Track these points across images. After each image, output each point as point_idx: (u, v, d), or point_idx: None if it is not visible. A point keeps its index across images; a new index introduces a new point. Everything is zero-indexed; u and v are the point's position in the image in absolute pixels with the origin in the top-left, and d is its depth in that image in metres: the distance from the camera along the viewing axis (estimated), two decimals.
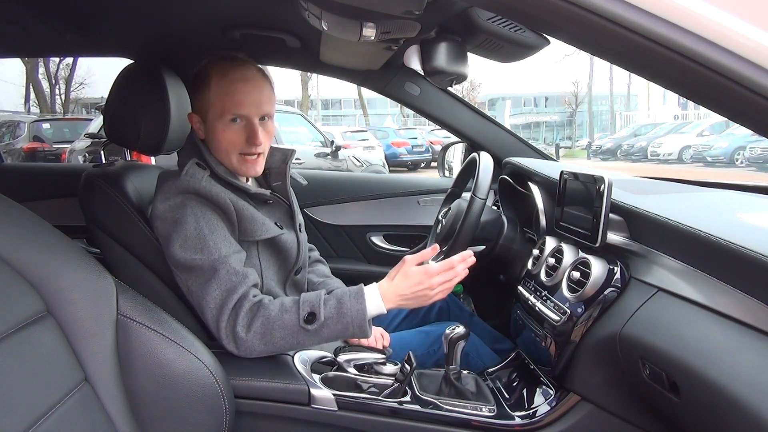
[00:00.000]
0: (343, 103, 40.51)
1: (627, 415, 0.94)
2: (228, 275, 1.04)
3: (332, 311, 1.01)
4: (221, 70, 1.12)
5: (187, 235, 1.06)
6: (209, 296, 1.03)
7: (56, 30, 1.52)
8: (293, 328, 1.01)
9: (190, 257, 1.05)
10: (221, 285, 1.03)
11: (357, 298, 1.03)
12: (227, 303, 1.02)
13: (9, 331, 0.65)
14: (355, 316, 1.01)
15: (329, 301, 1.03)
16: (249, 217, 1.13)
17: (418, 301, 1.05)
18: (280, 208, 1.26)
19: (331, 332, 1.02)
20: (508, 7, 0.63)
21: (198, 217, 1.07)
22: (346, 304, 1.02)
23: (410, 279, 1.04)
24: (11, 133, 9.83)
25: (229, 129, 1.12)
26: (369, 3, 0.93)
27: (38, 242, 0.74)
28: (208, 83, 1.12)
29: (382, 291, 1.04)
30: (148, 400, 0.83)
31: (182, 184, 1.09)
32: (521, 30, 1.17)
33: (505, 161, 1.63)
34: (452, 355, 1.06)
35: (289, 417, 1.01)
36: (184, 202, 1.08)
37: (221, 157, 1.15)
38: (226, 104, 1.10)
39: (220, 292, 1.03)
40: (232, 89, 1.11)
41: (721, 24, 0.53)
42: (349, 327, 1.01)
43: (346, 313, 1.01)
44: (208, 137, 1.16)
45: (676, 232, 0.84)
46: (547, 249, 1.18)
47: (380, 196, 2.07)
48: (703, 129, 15.77)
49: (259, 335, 1.01)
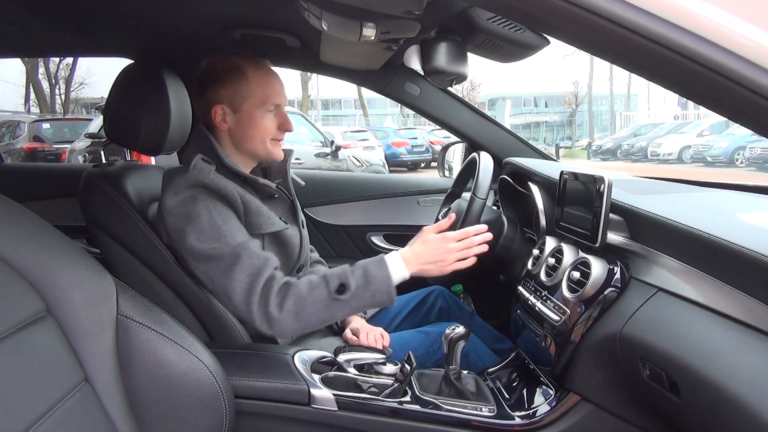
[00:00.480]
0: (343, 103, 40.50)
1: (627, 415, 0.94)
2: (250, 259, 1.07)
3: (360, 281, 1.06)
4: (253, 62, 1.20)
5: (203, 226, 1.08)
6: (235, 281, 1.06)
7: (56, 30, 1.52)
8: (325, 300, 1.05)
9: (209, 247, 1.08)
10: (245, 270, 1.06)
11: (380, 265, 1.08)
12: (255, 286, 1.05)
13: (9, 331, 0.65)
14: (381, 283, 1.06)
15: (355, 271, 1.08)
16: (255, 210, 1.16)
17: (437, 266, 1.11)
18: (283, 204, 1.29)
19: (360, 302, 1.07)
20: (508, 7, 0.63)
21: (210, 209, 1.10)
22: (372, 273, 1.07)
23: (428, 245, 1.11)
24: (11, 133, 9.83)
25: (266, 117, 1.20)
26: (369, 3, 0.93)
27: (38, 242, 0.74)
28: (244, 73, 1.18)
29: (404, 256, 1.10)
30: (148, 400, 0.83)
31: (191, 179, 1.12)
32: (521, 30, 1.17)
33: (505, 161, 1.63)
34: (452, 355, 1.06)
35: (289, 417, 1.01)
36: (194, 196, 1.10)
37: (254, 144, 1.20)
38: (269, 94, 1.19)
39: (245, 277, 1.06)
40: (270, 80, 1.20)
41: (721, 24, 0.53)
42: (377, 294, 1.06)
43: (372, 281, 1.06)
44: (239, 126, 1.20)
45: (676, 232, 0.84)
46: (547, 249, 1.18)
47: (380, 196, 2.07)
48: (703, 129, 15.77)
49: (292, 313, 1.04)
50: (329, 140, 8.58)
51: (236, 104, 1.18)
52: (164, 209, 1.13)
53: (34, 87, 19.16)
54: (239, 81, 1.18)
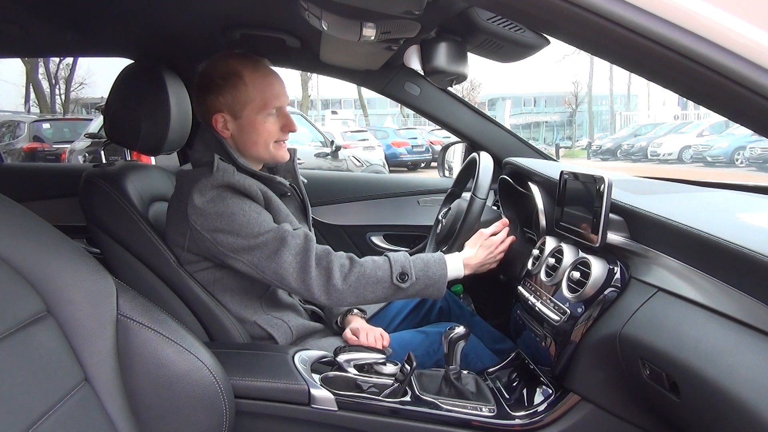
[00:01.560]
0: (343, 103, 40.51)
1: (627, 415, 0.94)
2: (294, 240, 1.12)
3: (420, 273, 1.15)
4: (249, 66, 1.18)
5: (240, 223, 1.11)
6: (286, 263, 1.10)
7: (56, 30, 1.53)
8: (385, 283, 1.13)
9: (251, 240, 1.11)
10: (292, 250, 1.11)
11: (440, 264, 1.18)
12: (308, 262, 1.10)
13: (9, 331, 0.65)
14: (438, 281, 1.16)
15: (416, 262, 1.16)
16: (276, 208, 1.19)
17: (488, 266, 1.27)
18: (293, 203, 1.31)
19: (415, 290, 1.16)
20: (508, 7, 0.63)
21: (241, 205, 1.12)
22: (432, 269, 1.16)
23: (476, 248, 1.25)
24: (11, 133, 9.84)
25: (268, 120, 1.19)
26: (369, 3, 0.93)
27: (38, 242, 0.74)
28: (241, 79, 1.17)
29: (466, 260, 1.22)
30: (148, 400, 0.83)
31: (216, 180, 1.13)
32: (521, 30, 1.17)
33: (505, 161, 1.63)
34: (452, 355, 1.06)
35: (289, 417, 1.01)
36: (221, 195, 1.12)
37: (258, 149, 1.21)
38: (267, 98, 1.18)
39: (293, 257, 1.11)
40: (269, 83, 1.19)
41: (721, 24, 0.53)
42: (430, 288, 1.16)
43: (431, 276, 1.16)
44: (241, 132, 1.20)
45: (676, 232, 0.84)
46: (547, 249, 1.18)
47: (380, 196, 2.07)
48: (703, 129, 15.77)
49: (353, 287, 1.12)
50: (329, 140, 8.58)
51: (236, 111, 1.17)
52: (192, 210, 1.13)
53: (34, 87, 19.16)
54: (237, 87, 1.16)
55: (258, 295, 1.22)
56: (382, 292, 1.14)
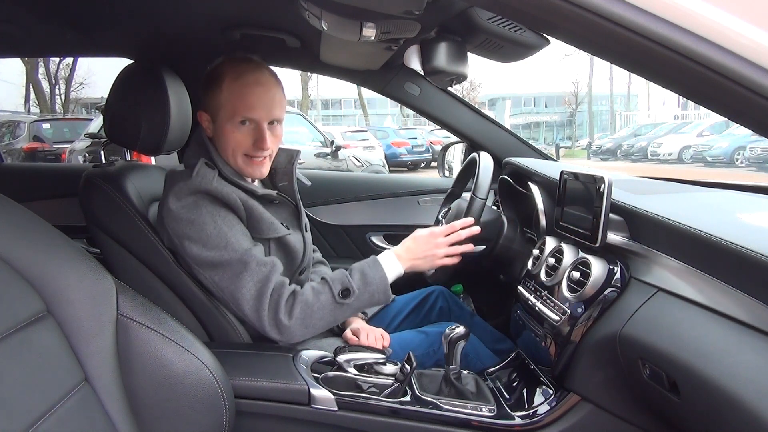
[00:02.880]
0: (343, 103, 40.50)
1: (627, 415, 0.94)
2: (258, 267, 1.08)
3: (359, 283, 1.11)
4: (236, 72, 1.14)
5: (209, 234, 1.08)
6: (244, 289, 1.07)
7: (56, 30, 1.53)
8: (330, 306, 1.09)
9: (215, 254, 1.08)
10: (254, 276, 1.08)
11: (375, 266, 1.13)
12: (264, 292, 1.07)
13: (9, 331, 0.65)
14: (378, 283, 1.12)
15: (353, 274, 1.12)
16: (258, 217, 1.15)
17: (427, 261, 1.18)
18: (286, 209, 1.28)
19: (361, 303, 1.12)
20: (508, 7, 0.63)
21: (215, 216, 1.09)
22: (369, 274, 1.12)
23: (418, 241, 1.18)
24: (11, 133, 9.84)
25: (238, 131, 1.14)
26: (369, 3, 0.93)
27: (38, 242, 0.74)
28: (220, 84, 1.14)
29: (396, 253, 1.17)
30: (148, 400, 0.83)
31: (194, 185, 1.10)
32: (521, 30, 1.17)
33: (505, 161, 1.63)
34: (452, 355, 1.06)
35: (289, 417, 1.01)
36: (198, 202, 1.10)
37: (227, 157, 1.17)
38: (238, 107, 1.12)
39: (254, 284, 1.08)
40: (245, 92, 1.12)
41: (721, 24, 0.53)
42: (375, 294, 1.11)
43: (370, 282, 1.11)
44: (215, 136, 1.18)
45: (676, 232, 0.84)
46: (547, 249, 1.18)
47: (380, 196, 2.07)
48: (703, 129, 15.77)
49: (300, 320, 1.08)
50: (329, 140, 8.58)
51: (213, 113, 1.16)
52: (166, 213, 1.12)
53: (34, 87, 19.16)
54: (215, 90, 1.14)
55: None
56: (330, 315, 1.10)
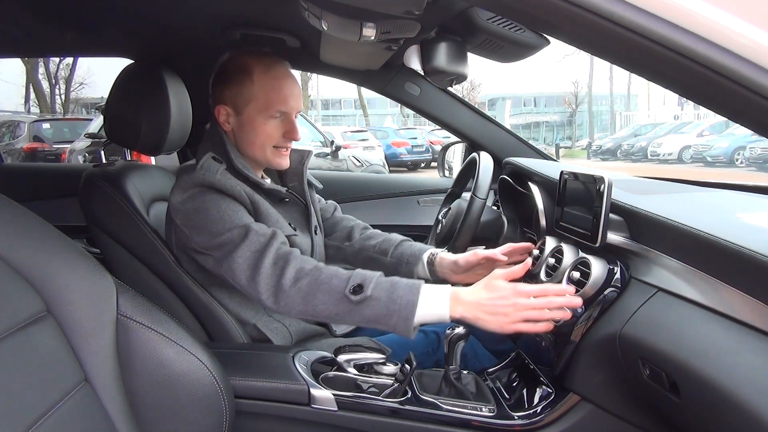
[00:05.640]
0: (343, 103, 40.51)
1: (627, 415, 0.94)
2: (257, 236, 1.04)
3: (383, 293, 0.93)
4: (264, 64, 1.15)
5: (213, 218, 1.07)
6: (241, 258, 1.03)
7: (56, 30, 1.53)
8: (337, 294, 0.96)
9: (219, 236, 1.06)
10: (251, 246, 1.03)
11: (411, 288, 0.94)
12: (261, 260, 1.01)
13: (9, 331, 0.65)
14: (403, 308, 0.92)
15: (384, 281, 0.96)
16: (264, 212, 1.14)
17: (497, 320, 0.90)
18: (296, 209, 1.27)
19: (374, 313, 0.94)
20: (508, 7, 0.63)
21: (218, 202, 1.08)
22: (399, 291, 0.93)
23: (495, 292, 0.92)
24: (11, 133, 9.84)
25: (269, 123, 1.15)
26: (369, 3, 0.93)
27: (38, 242, 0.74)
28: (250, 76, 1.14)
29: (458, 296, 0.92)
30: (148, 400, 0.83)
31: (197, 178, 1.10)
32: (521, 30, 1.17)
33: (505, 161, 1.63)
34: (452, 355, 1.06)
35: (289, 417, 1.01)
36: (201, 193, 1.09)
37: (254, 150, 1.17)
38: (272, 99, 1.14)
39: (250, 254, 1.03)
40: (279, 85, 1.15)
41: (721, 24, 0.53)
42: (394, 315, 0.92)
43: (396, 299, 0.93)
44: (240, 129, 1.17)
45: (676, 232, 0.84)
46: (547, 249, 1.18)
47: (380, 196, 2.07)
48: (703, 129, 15.78)
49: (303, 293, 0.97)
50: (329, 140, 8.58)
51: (239, 106, 1.16)
52: (172, 209, 1.13)
53: (34, 87, 19.17)
54: (244, 83, 1.14)
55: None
56: (333, 305, 0.96)
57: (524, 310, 0.90)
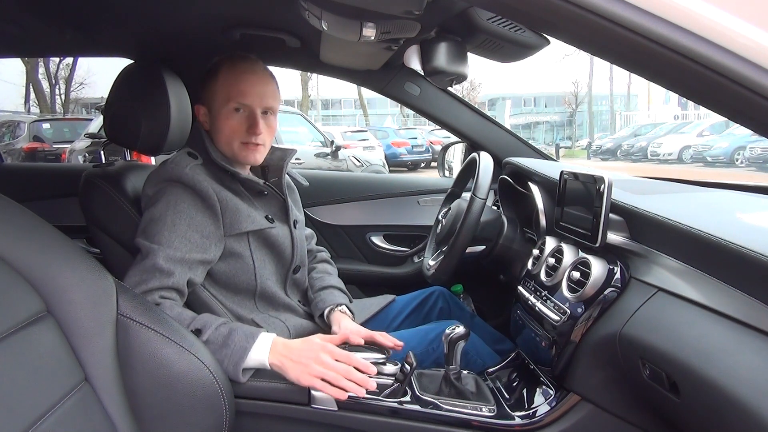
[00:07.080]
0: (343, 103, 40.52)
1: (627, 415, 0.94)
2: (153, 267, 1.02)
3: (219, 338, 0.98)
4: (231, 63, 1.20)
5: (152, 217, 1.08)
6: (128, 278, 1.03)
7: (56, 30, 1.53)
8: (183, 324, 0.98)
9: (141, 239, 1.07)
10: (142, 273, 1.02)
11: (247, 338, 0.99)
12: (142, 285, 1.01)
13: (9, 331, 0.65)
14: (234, 352, 0.97)
15: (223, 327, 1.00)
16: (233, 209, 1.15)
17: (297, 369, 0.96)
18: (275, 202, 1.29)
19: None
20: (508, 7, 0.63)
21: (170, 205, 1.09)
22: (234, 338, 0.98)
23: (305, 344, 0.99)
24: (11, 133, 9.84)
25: (232, 117, 1.18)
26: (369, 3, 0.93)
27: (38, 242, 0.74)
28: (216, 75, 1.19)
29: (275, 342, 0.99)
30: (148, 400, 0.83)
31: (166, 172, 1.13)
32: (521, 30, 1.17)
33: (505, 161, 1.63)
34: (452, 355, 1.06)
35: (289, 417, 1.01)
36: (165, 189, 1.11)
37: (224, 144, 1.20)
38: (231, 93, 1.17)
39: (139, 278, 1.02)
40: (238, 79, 1.18)
41: (721, 24, 0.53)
42: (225, 360, 0.96)
43: (229, 344, 0.97)
44: (212, 126, 1.21)
45: (676, 232, 0.84)
46: (547, 249, 1.18)
47: (380, 196, 2.07)
48: (703, 129, 15.78)
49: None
50: (329, 140, 8.58)
51: (209, 103, 1.21)
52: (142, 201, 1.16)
53: (34, 87, 19.16)
54: (211, 79, 1.20)
55: (249, 293, 1.21)
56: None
57: (323, 367, 0.96)
